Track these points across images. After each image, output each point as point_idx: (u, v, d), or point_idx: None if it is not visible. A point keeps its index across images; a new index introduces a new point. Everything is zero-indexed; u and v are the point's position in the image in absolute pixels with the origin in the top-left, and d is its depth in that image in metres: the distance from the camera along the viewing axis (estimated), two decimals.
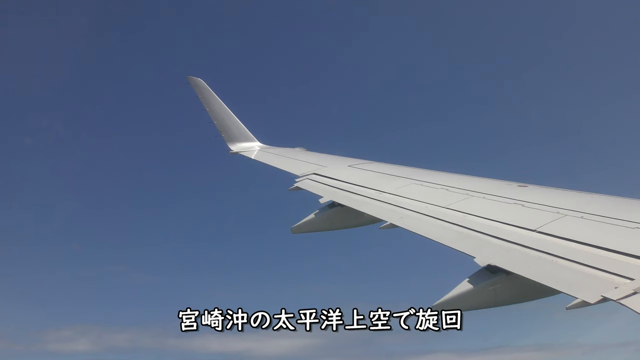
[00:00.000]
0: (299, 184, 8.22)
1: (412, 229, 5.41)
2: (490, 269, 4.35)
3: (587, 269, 3.74)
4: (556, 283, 3.70)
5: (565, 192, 5.77)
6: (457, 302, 4.39)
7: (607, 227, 4.41)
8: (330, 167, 8.87)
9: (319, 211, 7.26)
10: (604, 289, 3.40)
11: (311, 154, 10.77)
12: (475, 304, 4.39)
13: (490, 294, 4.32)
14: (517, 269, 4.07)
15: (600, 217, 4.65)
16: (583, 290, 3.47)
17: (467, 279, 4.41)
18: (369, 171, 8.29)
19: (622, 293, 3.27)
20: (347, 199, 6.98)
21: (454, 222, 5.25)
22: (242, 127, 12.84)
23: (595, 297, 3.34)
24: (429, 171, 7.70)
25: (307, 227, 7.24)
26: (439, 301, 4.41)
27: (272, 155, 11.48)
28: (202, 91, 12.96)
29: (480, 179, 6.83)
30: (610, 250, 3.93)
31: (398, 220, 5.69)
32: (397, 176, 7.56)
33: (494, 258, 4.35)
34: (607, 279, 3.53)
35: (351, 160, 9.25)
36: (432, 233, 5.17)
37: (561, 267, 3.89)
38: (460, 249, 4.65)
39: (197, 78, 13.12)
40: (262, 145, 12.66)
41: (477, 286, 4.33)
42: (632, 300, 3.18)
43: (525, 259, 4.18)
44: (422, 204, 6.02)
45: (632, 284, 3.34)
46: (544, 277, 3.83)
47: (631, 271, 3.53)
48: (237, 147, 12.48)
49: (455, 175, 7.28)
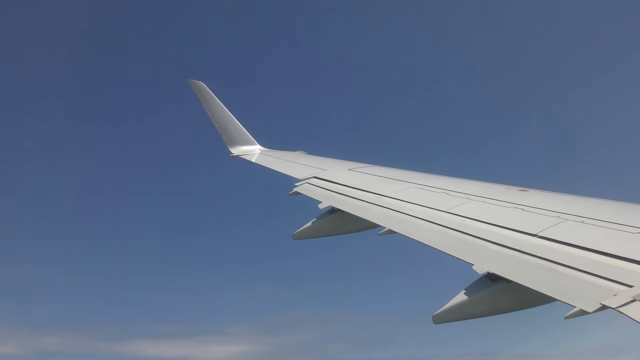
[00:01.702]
0: (298, 189, 8.20)
1: (410, 234, 5.36)
2: (490, 276, 4.30)
3: (586, 276, 3.70)
4: (554, 291, 3.65)
5: (566, 197, 5.73)
6: (458, 311, 4.33)
7: (608, 232, 4.37)
8: (330, 171, 8.85)
9: (320, 217, 7.23)
10: (603, 296, 3.36)
11: (311, 158, 10.75)
12: (476, 313, 4.35)
13: (491, 303, 4.27)
14: (515, 277, 4.03)
15: (602, 222, 4.61)
16: (581, 299, 3.43)
17: (466, 289, 4.37)
18: (369, 175, 8.25)
19: (621, 301, 3.23)
20: (346, 204, 6.94)
21: (454, 227, 5.21)
22: (242, 131, 12.82)
23: (593, 306, 3.30)
24: (430, 175, 7.65)
25: (308, 233, 7.20)
26: (439, 311, 4.35)
27: (272, 158, 11.45)
28: (204, 94, 12.95)
29: (481, 183, 6.79)
30: (610, 255, 3.89)
31: (396, 226, 5.64)
32: (397, 180, 7.52)
33: (492, 265, 4.31)
34: (606, 286, 3.49)
35: (351, 164, 9.22)
36: (431, 239, 5.12)
37: (560, 274, 3.85)
38: (459, 256, 4.61)
39: (198, 81, 13.13)
40: (263, 149, 12.64)
41: (477, 295, 4.28)
42: (630, 308, 3.14)
43: (523, 266, 4.14)
44: (422, 208, 5.97)
45: (631, 291, 3.30)
46: (542, 285, 3.79)
47: (631, 278, 3.50)
48: (237, 150, 12.46)
49: (455, 179, 7.24)
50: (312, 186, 8.16)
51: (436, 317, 4.34)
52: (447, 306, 4.33)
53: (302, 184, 8.41)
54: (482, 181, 6.92)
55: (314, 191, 7.88)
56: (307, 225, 7.19)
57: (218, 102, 12.95)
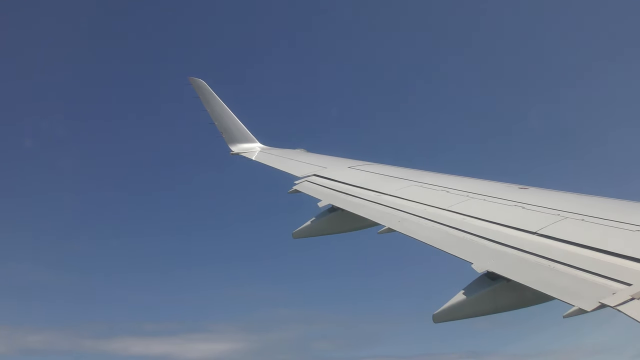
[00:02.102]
0: (298, 187, 8.18)
1: (410, 233, 5.35)
2: (490, 275, 4.29)
3: (585, 274, 3.69)
4: (553, 290, 3.64)
5: (566, 195, 5.71)
6: (458, 310, 4.33)
7: (607, 230, 4.36)
8: (330, 169, 8.82)
9: (319, 215, 7.22)
10: (602, 295, 3.35)
11: (312, 155, 10.72)
12: (476, 312, 4.35)
13: (491, 302, 4.27)
14: (514, 275, 4.02)
15: (602, 219, 4.60)
16: (580, 297, 3.42)
17: (465, 288, 4.37)
18: (369, 173, 8.23)
19: (620, 299, 3.22)
20: (345, 203, 6.93)
21: (453, 225, 5.20)
22: (243, 128, 12.80)
23: (592, 305, 3.29)
24: (430, 173, 7.63)
25: (307, 232, 7.19)
26: (439, 310, 4.35)
27: (272, 156, 11.44)
28: (203, 92, 12.92)
29: (481, 181, 6.77)
30: (610, 253, 3.88)
31: (396, 225, 5.63)
32: (397, 178, 7.50)
33: (492, 264, 4.30)
34: (605, 284, 3.49)
35: (351, 162, 9.20)
36: (430, 237, 5.11)
37: (559, 272, 3.84)
38: (458, 255, 4.60)
39: (198, 79, 13.10)
40: (263, 147, 12.62)
41: (477, 294, 4.28)
42: (629, 306, 3.13)
43: (522, 265, 4.13)
44: (422, 206, 5.96)
45: (629, 290, 3.29)
46: (541, 283, 3.78)
47: (630, 276, 3.49)
48: (237, 148, 12.45)
49: (455, 177, 7.22)
50: (311, 184, 8.14)
51: (436, 316, 4.35)
52: (447, 305, 4.33)
53: (301, 181, 8.39)
54: (482, 179, 6.90)
55: (314, 189, 7.87)
56: (307, 224, 7.18)
57: (218, 100, 12.92)
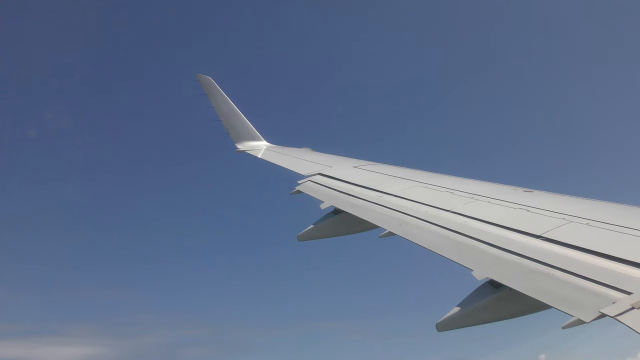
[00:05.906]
0: (300, 187, 8.14)
1: (410, 237, 5.29)
2: (492, 281, 4.23)
3: (585, 282, 3.62)
4: (552, 299, 3.58)
5: (572, 199, 5.62)
6: (460, 319, 4.30)
7: (612, 235, 4.30)
8: (335, 168, 8.77)
9: (323, 217, 7.18)
10: (602, 304, 3.28)
11: (317, 154, 10.67)
12: (480, 320, 4.33)
13: (494, 311, 4.24)
14: (514, 284, 3.95)
15: (607, 224, 4.52)
16: (579, 307, 3.36)
17: (468, 296, 4.35)
18: (374, 172, 8.16)
19: (620, 309, 3.16)
20: (347, 204, 6.87)
21: (455, 228, 5.13)
22: (249, 126, 12.79)
23: (591, 315, 3.23)
24: (436, 174, 7.55)
25: (312, 235, 7.17)
26: (441, 319, 4.32)
27: (278, 154, 11.42)
28: (211, 89, 12.92)
29: (486, 183, 6.68)
30: (613, 258, 3.82)
31: (396, 228, 5.57)
32: (402, 178, 7.43)
33: (492, 271, 4.25)
34: (605, 293, 3.42)
35: (356, 161, 9.14)
36: (431, 242, 5.06)
37: (558, 280, 3.77)
38: (458, 261, 4.55)
39: (205, 76, 13.10)
40: (269, 145, 12.59)
41: (480, 302, 4.24)
42: (629, 316, 3.05)
43: (521, 272, 4.07)
44: (425, 207, 5.89)
45: (629, 299, 3.22)
46: (540, 292, 3.72)
47: (631, 283, 3.42)
48: (243, 145, 12.43)
49: (461, 179, 7.14)
50: (314, 184, 8.09)
51: (439, 325, 4.34)
52: (449, 314, 4.31)
53: (305, 181, 8.34)
54: (488, 181, 6.81)
55: (316, 189, 7.82)
56: (310, 226, 7.14)
57: (225, 97, 12.91)
